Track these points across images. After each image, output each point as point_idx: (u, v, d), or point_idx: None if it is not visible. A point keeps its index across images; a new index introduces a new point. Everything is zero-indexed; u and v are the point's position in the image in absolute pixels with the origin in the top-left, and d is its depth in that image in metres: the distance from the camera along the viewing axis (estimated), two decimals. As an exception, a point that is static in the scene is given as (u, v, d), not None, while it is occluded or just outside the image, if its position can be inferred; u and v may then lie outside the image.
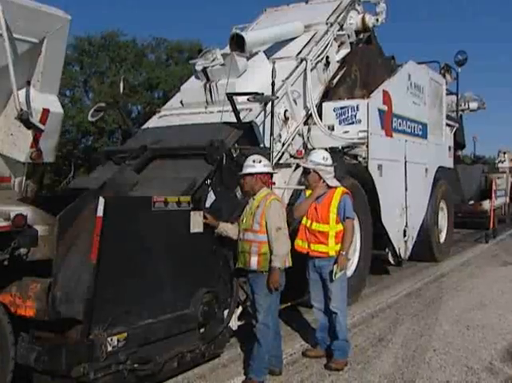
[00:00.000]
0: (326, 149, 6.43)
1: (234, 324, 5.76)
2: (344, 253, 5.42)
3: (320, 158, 5.60)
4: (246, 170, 5.27)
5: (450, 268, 11.24)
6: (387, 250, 9.24)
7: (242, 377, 5.18)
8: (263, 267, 5.01)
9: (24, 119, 4.49)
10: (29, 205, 4.61)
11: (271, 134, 6.71)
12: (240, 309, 5.92)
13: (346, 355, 5.55)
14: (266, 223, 5.01)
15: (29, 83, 4.63)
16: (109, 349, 4.35)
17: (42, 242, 4.42)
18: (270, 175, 5.49)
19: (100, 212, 4.27)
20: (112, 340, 4.38)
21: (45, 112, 4.68)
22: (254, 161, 5.29)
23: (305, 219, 5.67)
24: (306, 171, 5.70)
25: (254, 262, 5.04)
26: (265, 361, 5.05)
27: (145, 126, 8.06)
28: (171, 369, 4.99)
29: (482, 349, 5.91)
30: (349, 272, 7.43)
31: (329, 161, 5.65)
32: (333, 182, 5.64)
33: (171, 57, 35.59)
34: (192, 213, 5.18)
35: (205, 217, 5.31)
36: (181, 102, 8.10)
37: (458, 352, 5.84)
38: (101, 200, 4.28)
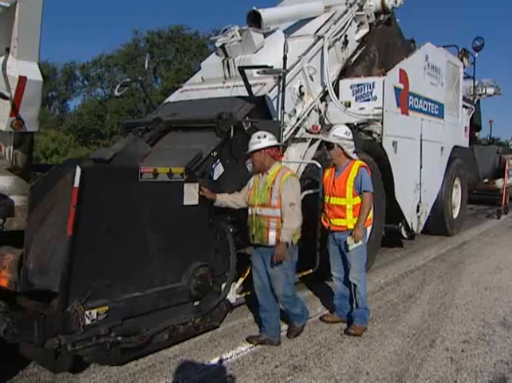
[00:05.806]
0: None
1: (233, 297, 4.83)
2: (360, 226, 4.74)
3: (343, 132, 4.95)
4: (253, 147, 4.41)
5: (471, 237, 10.69)
6: (400, 224, 8.10)
7: (285, 326, 4.90)
8: None
9: None
10: (12, 175, 3.77)
11: (282, 108, 5.72)
12: (239, 282, 5.00)
13: (365, 322, 4.99)
14: (282, 197, 4.22)
15: (8, 50, 3.73)
16: (87, 322, 3.54)
17: (19, 213, 3.59)
18: (278, 148, 4.60)
19: (76, 183, 3.36)
20: (90, 313, 3.54)
21: (22, 79, 3.76)
22: (258, 137, 4.46)
23: (325, 196, 4.98)
24: (329, 146, 4.93)
25: (272, 237, 4.32)
26: (302, 315, 4.79)
27: (167, 100, 7.12)
28: (162, 341, 4.14)
29: (497, 307, 5.83)
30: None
31: (351, 136, 5.03)
32: (354, 156, 5.02)
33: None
34: (186, 185, 4.20)
35: (201, 189, 4.34)
36: (201, 78, 7.08)
37: (476, 309, 5.76)
38: (78, 170, 3.37)
